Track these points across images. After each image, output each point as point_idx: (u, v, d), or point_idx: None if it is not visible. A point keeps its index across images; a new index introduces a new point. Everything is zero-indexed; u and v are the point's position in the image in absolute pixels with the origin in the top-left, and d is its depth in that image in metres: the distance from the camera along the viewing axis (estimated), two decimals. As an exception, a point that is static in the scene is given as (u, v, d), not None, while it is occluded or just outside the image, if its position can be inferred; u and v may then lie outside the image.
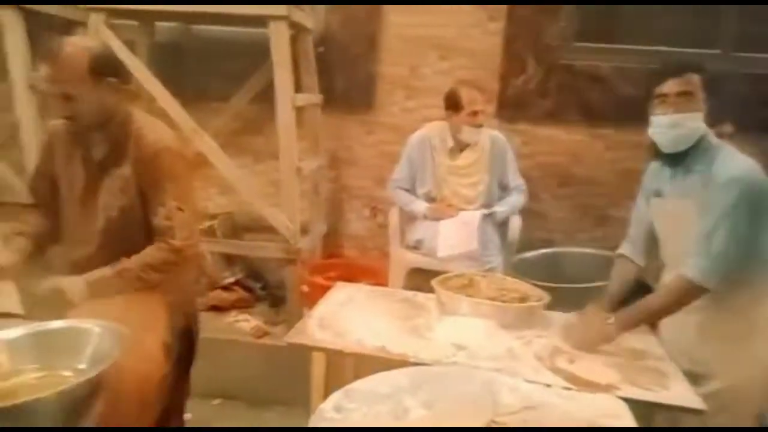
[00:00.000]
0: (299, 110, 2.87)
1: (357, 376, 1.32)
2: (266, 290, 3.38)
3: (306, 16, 2.93)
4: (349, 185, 3.56)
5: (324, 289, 2.00)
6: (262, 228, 3.20)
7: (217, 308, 3.17)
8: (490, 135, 2.59)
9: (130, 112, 1.57)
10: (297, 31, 2.94)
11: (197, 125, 2.72)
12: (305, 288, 2.92)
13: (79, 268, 1.48)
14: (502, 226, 2.63)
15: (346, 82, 3.38)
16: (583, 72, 3.17)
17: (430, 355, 1.48)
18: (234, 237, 3.44)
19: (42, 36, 3.08)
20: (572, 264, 3.02)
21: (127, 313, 1.30)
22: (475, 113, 2.43)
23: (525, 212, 2.76)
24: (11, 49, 2.75)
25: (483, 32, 3.23)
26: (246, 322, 3.04)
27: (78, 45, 1.44)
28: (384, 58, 3.34)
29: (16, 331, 1.13)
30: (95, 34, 2.54)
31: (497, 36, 3.21)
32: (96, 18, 2.60)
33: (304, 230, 3.03)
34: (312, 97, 3.13)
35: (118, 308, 1.33)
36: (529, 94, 3.22)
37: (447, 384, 1.26)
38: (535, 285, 1.92)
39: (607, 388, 1.34)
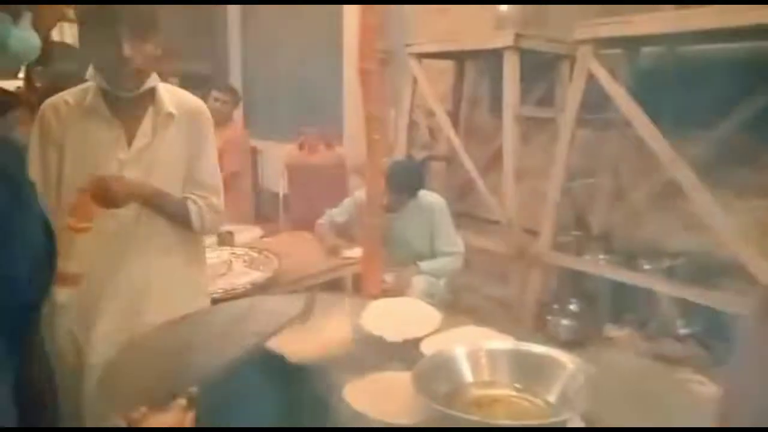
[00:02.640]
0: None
1: None
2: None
3: None
4: None
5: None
6: (735, 275, 2.68)
7: (666, 359, 2.83)
8: None
9: None
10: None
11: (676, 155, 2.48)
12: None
13: None
14: None
15: None
16: None
17: None
18: (696, 281, 3.00)
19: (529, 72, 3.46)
20: None
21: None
22: None
23: None
24: (507, 85, 3.14)
25: None
26: (700, 385, 2.59)
27: None
28: None
29: (497, 344, 1.21)
30: (582, 66, 2.62)
31: None
32: (584, 50, 2.68)
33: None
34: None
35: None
36: None
37: None
38: None
39: None
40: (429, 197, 3.05)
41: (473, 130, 4.28)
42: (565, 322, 3.18)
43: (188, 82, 7.31)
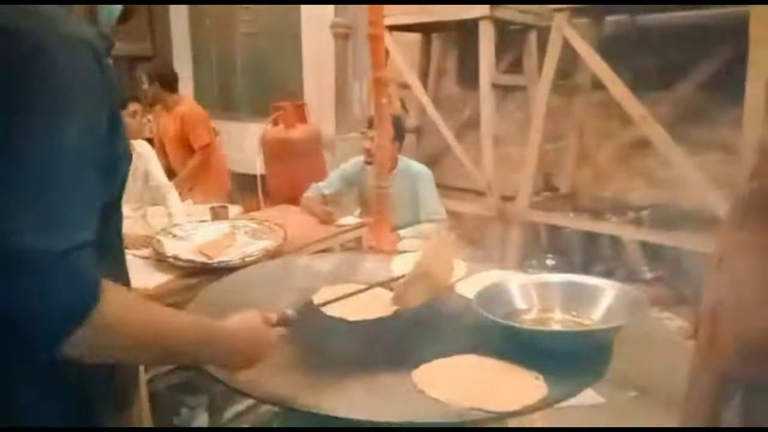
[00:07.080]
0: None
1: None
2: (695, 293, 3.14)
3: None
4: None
5: None
6: (694, 220, 2.98)
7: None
8: None
9: None
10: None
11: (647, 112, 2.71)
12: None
13: None
14: None
15: None
16: None
17: None
18: (658, 228, 3.30)
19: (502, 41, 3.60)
20: None
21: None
22: None
23: None
24: (484, 54, 3.28)
25: None
26: (670, 321, 2.91)
27: None
28: None
29: (547, 277, 1.36)
30: (558, 33, 2.79)
31: None
32: (560, 18, 2.85)
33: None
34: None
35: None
36: None
37: None
38: None
39: None
40: (415, 166, 3.14)
41: (440, 102, 4.41)
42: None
43: (123, 64, 6.76)
